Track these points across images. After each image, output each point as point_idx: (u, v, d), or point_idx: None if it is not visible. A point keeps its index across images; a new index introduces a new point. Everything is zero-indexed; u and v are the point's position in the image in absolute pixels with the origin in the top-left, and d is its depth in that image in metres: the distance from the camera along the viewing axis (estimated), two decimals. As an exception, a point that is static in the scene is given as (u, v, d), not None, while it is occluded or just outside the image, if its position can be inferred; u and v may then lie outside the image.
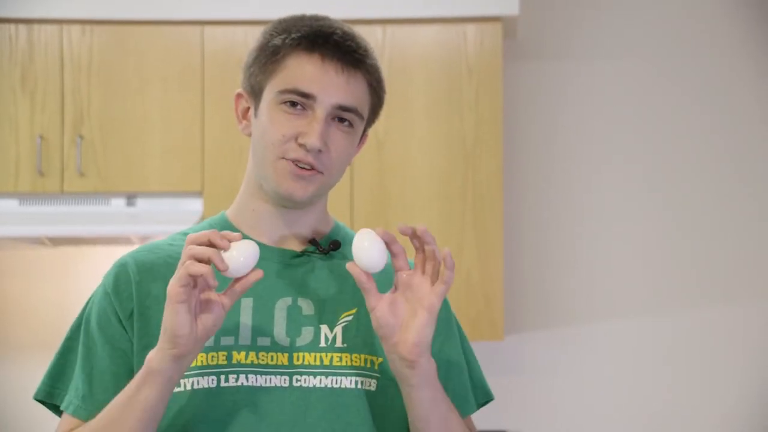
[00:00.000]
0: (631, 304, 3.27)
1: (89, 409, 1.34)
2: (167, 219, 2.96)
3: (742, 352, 3.23)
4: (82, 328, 1.39)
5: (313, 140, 1.32)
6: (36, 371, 3.31)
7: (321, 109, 1.34)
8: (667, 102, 3.29)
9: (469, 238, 3.01)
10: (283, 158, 1.34)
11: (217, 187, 2.99)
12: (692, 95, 3.28)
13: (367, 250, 1.28)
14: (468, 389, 1.46)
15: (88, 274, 3.26)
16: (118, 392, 1.32)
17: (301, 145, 1.33)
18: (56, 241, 3.17)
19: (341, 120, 1.36)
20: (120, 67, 3.02)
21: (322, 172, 1.36)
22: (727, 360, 3.24)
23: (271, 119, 1.35)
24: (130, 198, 3.01)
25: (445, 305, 1.46)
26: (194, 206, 2.98)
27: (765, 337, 3.23)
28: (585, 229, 3.29)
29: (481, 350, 1.57)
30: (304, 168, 1.34)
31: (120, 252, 1.47)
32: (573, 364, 3.27)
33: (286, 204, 1.39)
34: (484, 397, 1.48)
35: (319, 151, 1.34)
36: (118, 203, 3.00)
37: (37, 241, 3.17)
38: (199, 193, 3.00)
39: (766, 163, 3.26)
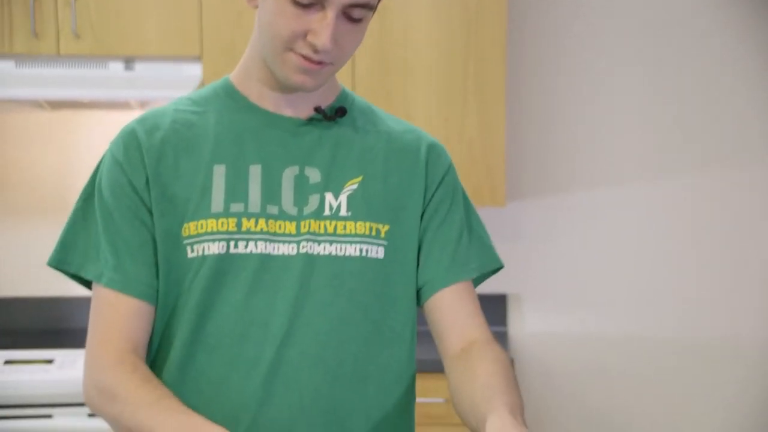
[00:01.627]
0: (633, 170, 3.26)
1: (122, 280, 1.36)
2: (166, 84, 2.93)
3: (742, 215, 3.24)
4: (96, 199, 1.39)
5: (323, 42, 1.28)
6: (36, 234, 3.35)
7: (331, 9, 1.28)
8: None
9: (471, 105, 2.97)
10: (291, 50, 1.31)
11: (216, 51, 2.94)
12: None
13: None
14: (471, 255, 1.47)
15: (87, 139, 3.26)
16: (146, 262, 1.36)
17: (310, 43, 1.29)
18: (55, 105, 3.15)
19: (352, 15, 1.30)
20: (114, -75, 2.93)
21: (331, 63, 1.33)
22: (727, 222, 3.24)
23: (280, 11, 1.30)
24: (128, 62, 2.96)
25: (452, 174, 1.48)
26: (193, 71, 2.95)
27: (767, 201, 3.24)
28: (587, 95, 3.26)
29: (482, 217, 1.57)
30: (312, 62, 1.31)
31: (119, 117, 1.46)
32: (574, 230, 3.28)
33: (294, 91, 1.38)
34: (492, 264, 1.49)
35: None
36: (116, 67, 2.96)
37: (36, 105, 3.15)
38: (197, 58, 2.95)
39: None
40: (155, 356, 1.39)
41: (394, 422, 1.43)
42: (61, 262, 1.40)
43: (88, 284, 1.41)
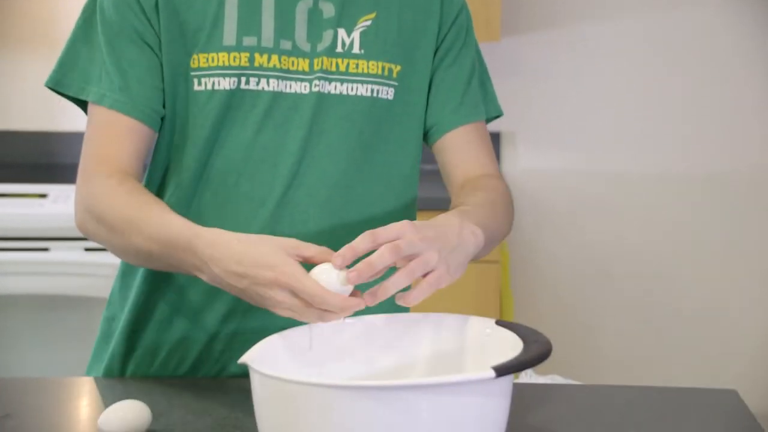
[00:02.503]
0: (633, 1, 3.20)
1: (127, 102, 1.32)
2: None
3: (742, 47, 3.20)
4: (99, 19, 1.34)
5: None
6: (26, 66, 3.29)
7: None
8: None
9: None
10: None
11: None
12: None
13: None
14: (479, 98, 1.46)
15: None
16: (155, 86, 1.32)
17: None
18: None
19: None
20: None
21: None
22: (728, 54, 3.20)
23: None
24: None
25: (466, 13, 1.45)
26: None
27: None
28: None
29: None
30: None
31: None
32: (571, 66, 3.24)
33: None
34: (494, 112, 1.49)
35: None
36: None
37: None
38: None
39: None
40: (157, 193, 1.38)
41: None
42: (59, 83, 1.35)
43: (85, 107, 1.37)
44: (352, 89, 1.35)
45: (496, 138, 3.25)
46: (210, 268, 1.16)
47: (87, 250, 2.73)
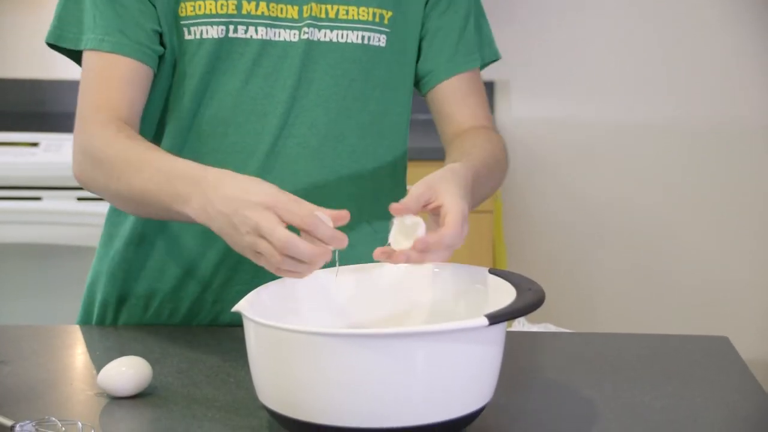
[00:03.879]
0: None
1: (128, 43, 1.29)
2: None
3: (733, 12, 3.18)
4: None
5: None
6: (16, 15, 3.26)
7: None
8: None
9: None
10: None
11: None
12: None
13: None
14: (475, 44, 1.43)
15: None
16: (150, 29, 1.29)
17: None
18: None
19: None
20: None
21: None
22: (723, 9, 3.19)
23: None
24: None
25: None
26: None
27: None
28: None
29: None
30: None
31: None
32: (566, 14, 3.22)
33: None
34: (491, 56, 1.46)
35: None
36: None
37: None
38: None
39: None
40: None
41: (384, 211, 1.43)
42: (59, 38, 1.33)
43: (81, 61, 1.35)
44: (342, 36, 1.34)
45: (489, 87, 3.24)
46: (205, 193, 1.12)
47: (79, 199, 2.72)
